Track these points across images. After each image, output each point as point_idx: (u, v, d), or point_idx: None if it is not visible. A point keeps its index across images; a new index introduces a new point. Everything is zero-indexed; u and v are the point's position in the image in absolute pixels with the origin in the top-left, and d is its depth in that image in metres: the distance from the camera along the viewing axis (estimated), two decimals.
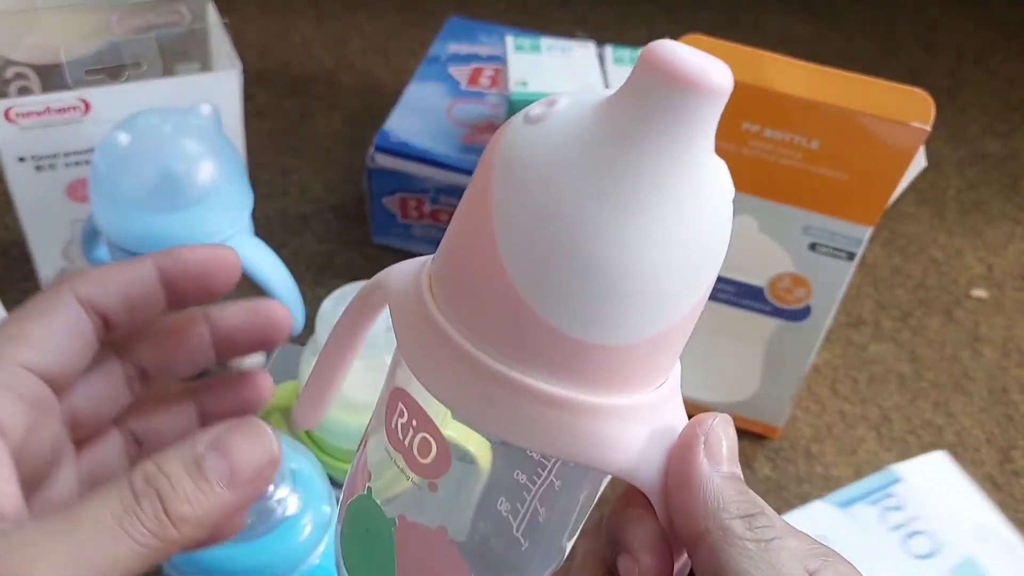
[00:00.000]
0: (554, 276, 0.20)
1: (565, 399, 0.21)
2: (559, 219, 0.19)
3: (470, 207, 0.21)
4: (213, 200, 0.44)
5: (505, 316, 0.20)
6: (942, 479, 0.48)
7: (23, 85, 0.49)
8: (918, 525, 0.46)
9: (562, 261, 0.20)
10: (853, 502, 0.46)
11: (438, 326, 0.21)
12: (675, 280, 0.20)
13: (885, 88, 0.41)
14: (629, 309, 0.20)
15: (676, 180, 0.19)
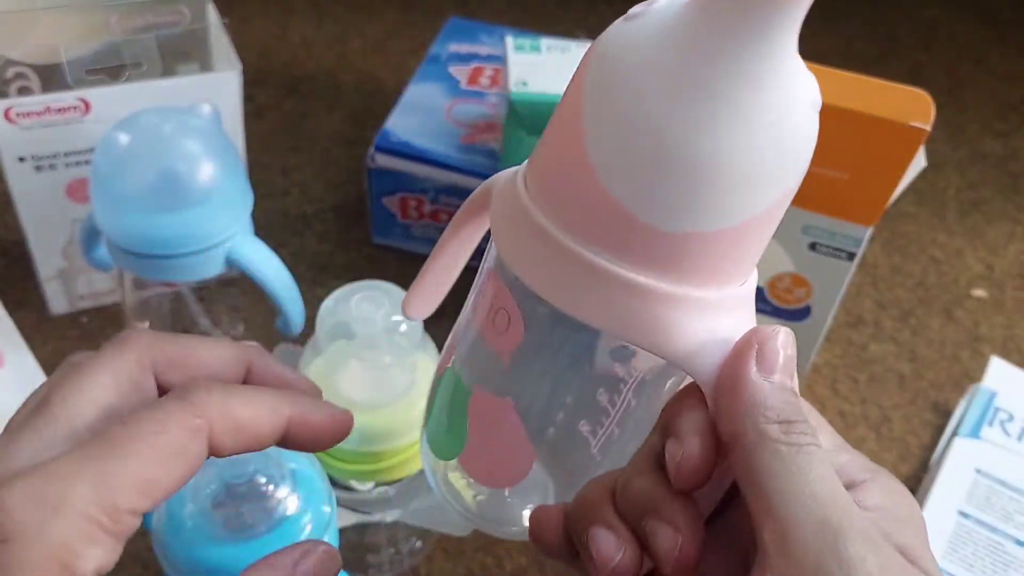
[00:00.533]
0: (632, 162, 0.21)
1: (637, 284, 0.22)
2: (642, 107, 0.21)
3: (564, 102, 0.23)
4: (213, 200, 0.44)
5: (584, 200, 0.22)
6: (1014, 378, 0.52)
7: (23, 85, 0.49)
8: None
9: (641, 148, 0.21)
10: (979, 429, 0.47)
11: (526, 212, 0.23)
12: (757, 172, 0.21)
13: (885, 88, 0.41)
14: (708, 197, 0.21)
15: (763, 76, 0.21)
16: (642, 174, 0.21)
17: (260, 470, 0.34)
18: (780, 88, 0.21)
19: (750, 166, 0.21)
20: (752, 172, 0.21)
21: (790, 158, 0.21)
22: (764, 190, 0.21)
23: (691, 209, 0.21)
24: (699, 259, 0.22)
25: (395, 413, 0.39)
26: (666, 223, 0.21)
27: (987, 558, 0.42)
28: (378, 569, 0.46)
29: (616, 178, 0.21)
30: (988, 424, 0.49)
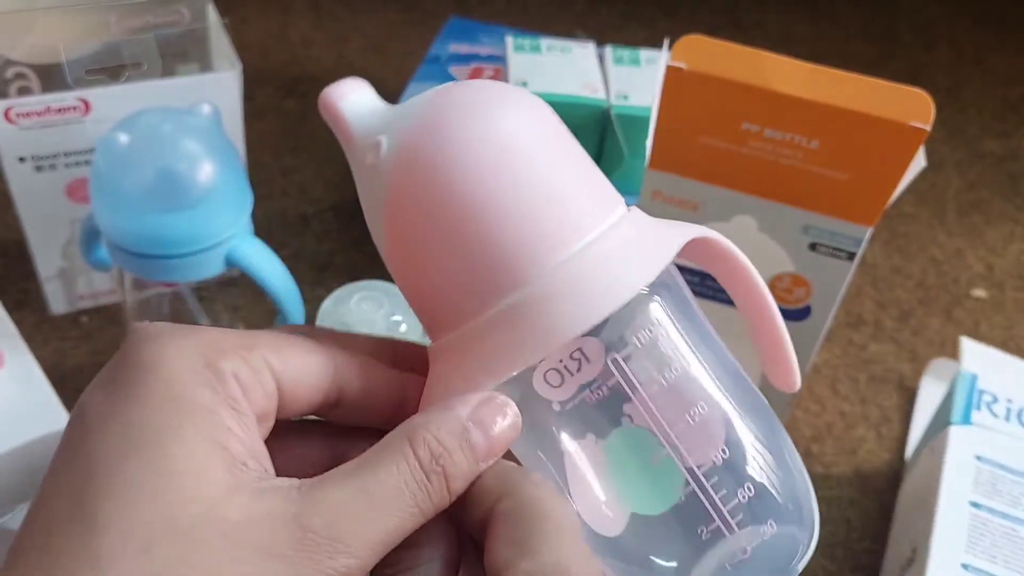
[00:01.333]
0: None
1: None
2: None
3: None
4: (213, 200, 0.44)
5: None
6: (988, 358, 0.53)
7: (23, 85, 0.49)
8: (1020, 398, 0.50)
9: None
10: (968, 415, 0.48)
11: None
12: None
13: (885, 88, 0.41)
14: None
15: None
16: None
17: None
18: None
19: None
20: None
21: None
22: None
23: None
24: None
25: None
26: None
27: (1007, 547, 0.42)
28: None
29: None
30: (976, 408, 0.49)
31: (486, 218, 0.23)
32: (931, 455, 0.49)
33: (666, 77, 0.42)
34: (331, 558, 0.21)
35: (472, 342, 0.24)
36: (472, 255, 0.23)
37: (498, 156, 0.24)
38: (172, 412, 0.22)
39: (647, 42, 0.77)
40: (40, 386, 0.43)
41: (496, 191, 0.23)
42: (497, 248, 0.23)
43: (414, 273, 0.25)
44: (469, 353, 0.24)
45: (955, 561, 0.42)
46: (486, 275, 0.23)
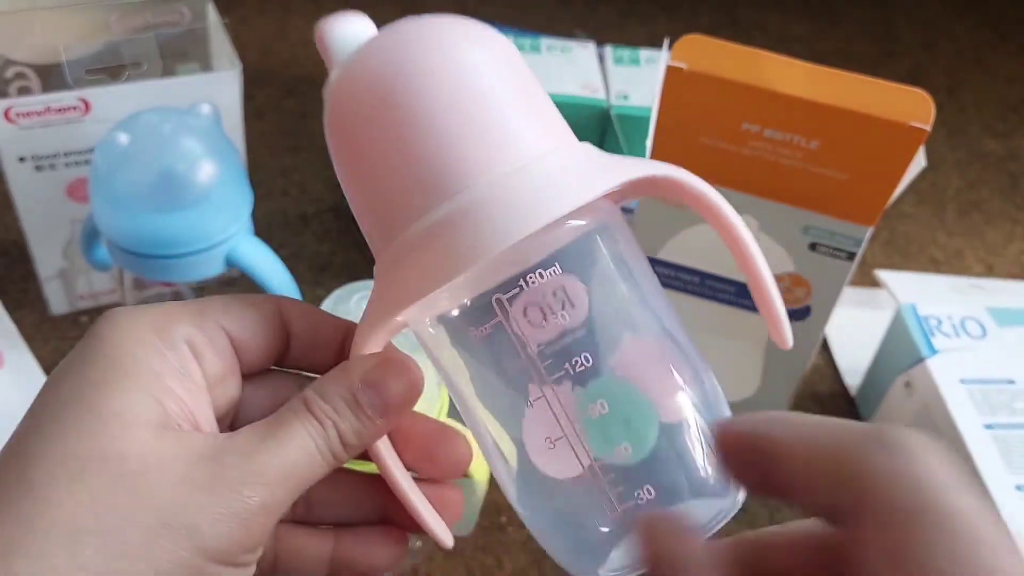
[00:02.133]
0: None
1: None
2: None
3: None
4: (213, 200, 0.44)
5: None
6: (909, 283, 0.57)
7: (23, 85, 0.49)
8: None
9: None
10: (931, 345, 0.51)
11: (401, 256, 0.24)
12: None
13: (885, 88, 0.41)
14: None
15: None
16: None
17: None
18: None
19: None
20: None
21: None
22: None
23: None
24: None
25: None
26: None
27: None
28: None
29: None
30: (932, 335, 0.51)
31: (422, 126, 0.23)
32: (908, 392, 0.50)
33: (666, 77, 0.42)
34: (245, 487, 0.23)
35: (402, 258, 0.23)
36: (406, 164, 0.23)
37: (440, 65, 0.23)
38: (117, 371, 0.24)
39: (647, 42, 0.77)
40: (40, 386, 0.43)
41: (432, 100, 0.23)
42: (429, 158, 0.23)
43: (356, 186, 0.25)
44: (399, 272, 0.23)
45: (1010, 486, 0.44)
46: (417, 186, 0.23)
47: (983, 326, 0.52)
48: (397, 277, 0.24)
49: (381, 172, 0.24)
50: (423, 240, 0.23)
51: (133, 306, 0.26)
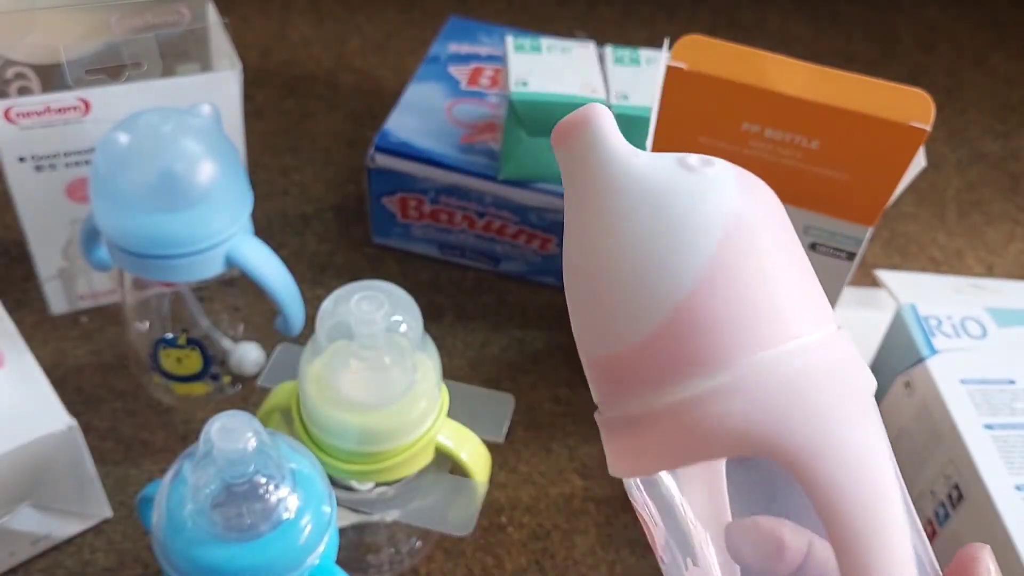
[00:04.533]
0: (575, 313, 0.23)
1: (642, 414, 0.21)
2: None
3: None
4: (213, 200, 0.44)
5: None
6: (910, 283, 0.55)
7: (23, 85, 0.49)
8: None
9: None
10: (932, 345, 0.50)
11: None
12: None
13: (885, 88, 0.41)
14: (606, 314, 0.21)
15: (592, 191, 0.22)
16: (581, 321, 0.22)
17: (260, 470, 0.34)
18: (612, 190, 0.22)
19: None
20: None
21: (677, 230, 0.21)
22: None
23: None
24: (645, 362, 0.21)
25: (395, 413, 0.39)
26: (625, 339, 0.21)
27: None
28: (378, 569, 0.46)
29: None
30: (933, 335, 0.51)
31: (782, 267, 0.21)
32: (908, 392, 0.50)
33: (666, 77, 0.42)
34: None
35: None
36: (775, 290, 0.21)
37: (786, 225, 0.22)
38: None
39: (647, 42, 0.76)
40: (40, 386, 0.43)
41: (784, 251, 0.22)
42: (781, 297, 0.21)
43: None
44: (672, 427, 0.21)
45: (1009, 485, 0.44)
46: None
47: (983, 326, 0.52)
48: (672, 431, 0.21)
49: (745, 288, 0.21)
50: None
51: None
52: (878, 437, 0.21)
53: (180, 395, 0.52)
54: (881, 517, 0.20)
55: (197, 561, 0.35)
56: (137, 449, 0.51)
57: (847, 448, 0.20)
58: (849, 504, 0.20)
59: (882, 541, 0.20)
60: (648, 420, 0.21)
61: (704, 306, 0.20)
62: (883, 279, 0.56)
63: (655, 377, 0.21)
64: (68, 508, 0.45)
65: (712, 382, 0.20)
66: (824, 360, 0.21)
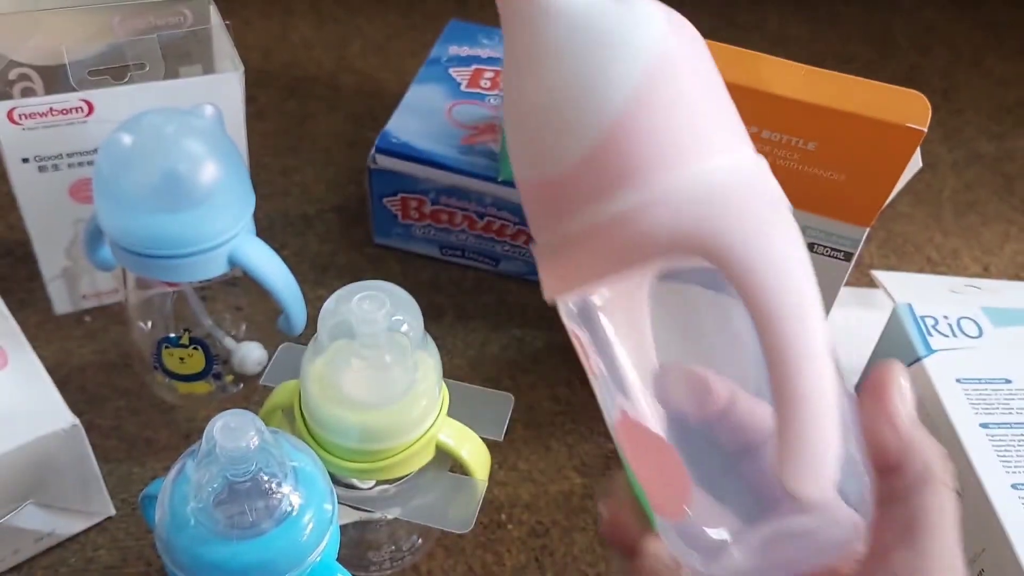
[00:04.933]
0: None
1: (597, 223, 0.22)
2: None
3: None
4: (216, 200, 0.44)
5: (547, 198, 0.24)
6: (905, 283, 0.56)
7: (26, 86, 0.50)
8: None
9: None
10: (928, 345, 0.50)
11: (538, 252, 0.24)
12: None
13: (881, 89, 0.42)
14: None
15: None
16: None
17: (263, 468, 0.35)
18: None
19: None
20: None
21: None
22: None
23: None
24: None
25: (396, 412, 0.40)
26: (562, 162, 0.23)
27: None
28: (379, 566, 0.47)
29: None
30: (929, 335, 0.51)
31: (712, 87, 0.24)
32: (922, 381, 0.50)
33: None
34: None
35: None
36: (712, 105, 0.23)
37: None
38: None
39: None
40: (44, 386, 0.44)
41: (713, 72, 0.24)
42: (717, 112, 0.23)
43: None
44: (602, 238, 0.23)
45: (1005, 484, 0.44)
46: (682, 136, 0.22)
47: (979, 326, 0.53)
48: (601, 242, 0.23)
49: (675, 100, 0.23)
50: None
51: None
52: (798, 242, 0.23)
53: (183, 394, 0.52)
54: (803, 306, 0.22)
55: (200, 558, 0.35)
56: (140, 447, 0.51)
57: (770, 244, 0.22)
58: (774, 293, 0.21)
59: (804, 326, 0.21)
60: (584, 235, 0.23)
61: (634, 127, 0.22)
62: (879, 279, 0.56)
63: (590, 194, 0.22)
64: (72, 506, 0.46)
65: (644, 195, 0.22)
66: (744, 173, 0.23)
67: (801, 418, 0.21)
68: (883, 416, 0.24)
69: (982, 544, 0.44)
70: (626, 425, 0.25)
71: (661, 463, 0.24)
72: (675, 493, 0.24)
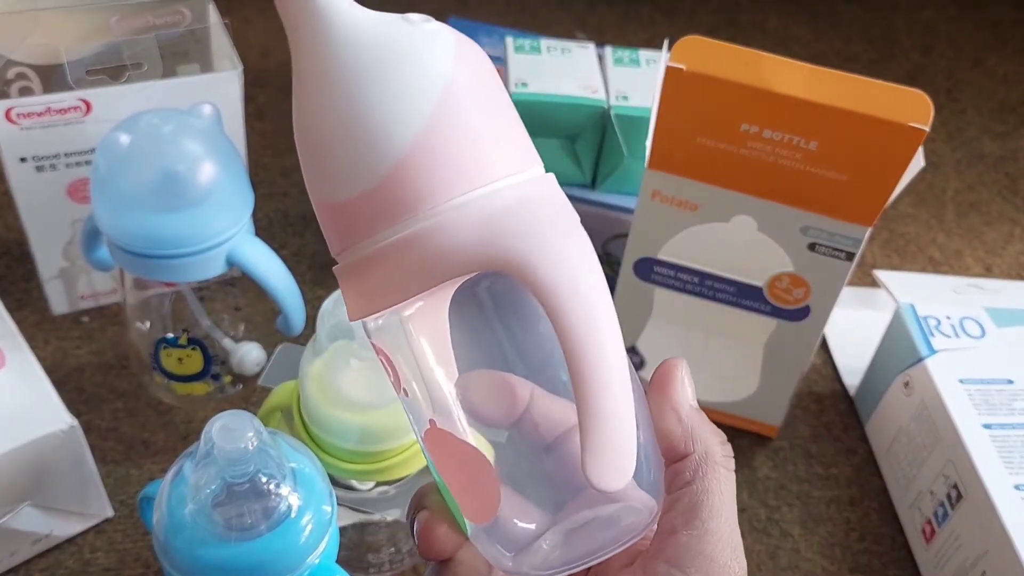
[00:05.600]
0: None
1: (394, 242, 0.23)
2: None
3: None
4: (214, 200, 0.44)
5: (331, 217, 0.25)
6: (908, 283, 0.56)
7: (24, 86, 0.50)
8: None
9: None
10: (931, 345, 0.51)
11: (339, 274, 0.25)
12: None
13: (884, 89, 0.42)
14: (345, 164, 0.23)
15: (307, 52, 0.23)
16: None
17: (261, 470, 0.34)
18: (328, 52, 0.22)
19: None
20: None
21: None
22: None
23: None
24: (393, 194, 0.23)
25: (395, 413, 0.39)
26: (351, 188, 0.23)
27: None
28: (379, 568, 0.46)
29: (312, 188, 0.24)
30: (931, 335, 0.51)
31: (496, 109, 0.23)
32: (907, 392, 0.51)
33: (666, 78, 0.42)
34: None
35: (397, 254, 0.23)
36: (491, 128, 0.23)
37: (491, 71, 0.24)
38: None
39: (647, 43, 0.77)
40: (41, 386, 0.44)
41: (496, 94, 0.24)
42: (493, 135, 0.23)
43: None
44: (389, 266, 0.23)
45: (1008, 485, 0.44)
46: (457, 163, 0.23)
47: (982, 326, 0.53)
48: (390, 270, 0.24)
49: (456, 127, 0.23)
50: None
51: None
52: (588, 251, 0.23)
53: (181, 395, 0.52)
54: (597, 315, 0.23)
55: (198, 560, 0.35)
56: (138, 449, 0.51)
57: (560, 255, 0.23)
58: (569, 304, 0.22)
59: (599, 335, 0.22)
60: (380, 256, 0.23)
61: (425, 154, 0.22)
62: (882, 279, 0.56)
63: (384, 218, 0.23)
64: (69, 508, 0.45)
65: (434, 219, 0.22)
66: (533, 190, 0.23)
67: (601, 420, 0.22)
68: (668, 407, 0.26)
69: (985, 545, 0.44)
70: (434, 435, 0.25)
71: (470, 469, 0.25)
72: (485, 497, 0.25)
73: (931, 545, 0.48)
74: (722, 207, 0.45)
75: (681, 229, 0.47)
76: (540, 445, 0.26)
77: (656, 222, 0.47)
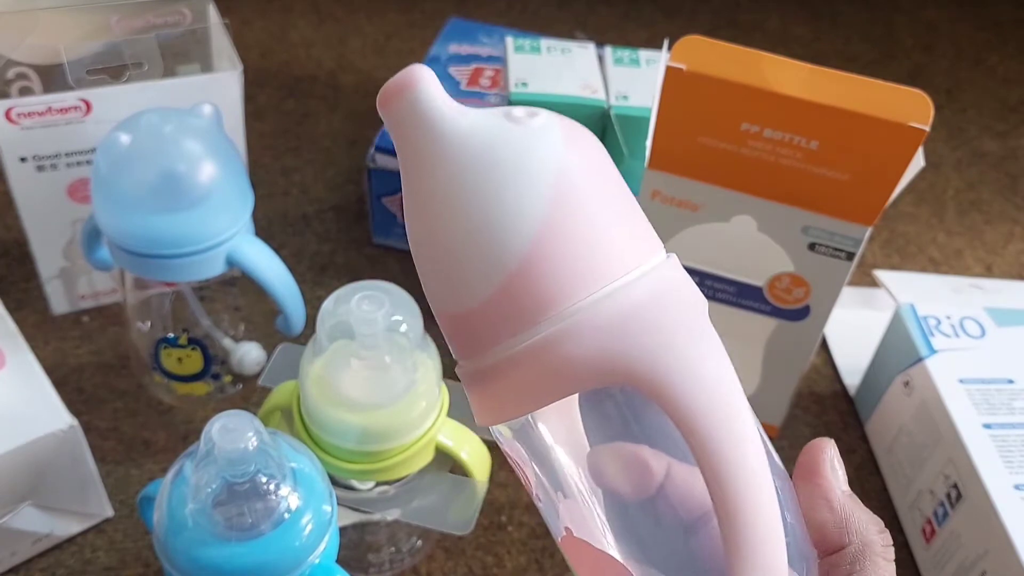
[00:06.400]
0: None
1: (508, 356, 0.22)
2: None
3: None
4: (214, 200, 0.44)
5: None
6: (907, 283, 0.56)
7: (24, 85, 0.50)
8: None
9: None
10: (931, 345, 0.51)
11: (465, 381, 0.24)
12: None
13: (884, 89, 0.42)
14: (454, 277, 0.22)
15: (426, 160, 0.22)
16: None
17: (261, 470, 0.34)
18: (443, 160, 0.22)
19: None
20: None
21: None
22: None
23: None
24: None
25: (395, 413, 0.40)
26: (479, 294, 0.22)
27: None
28: (379, 568, 0.46)
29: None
30: (931, 335, 0.51)
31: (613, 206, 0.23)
32: (907, 392, 0.51)
33: (666, 78, 0.42)
34: None
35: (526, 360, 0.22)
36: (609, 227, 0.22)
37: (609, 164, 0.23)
38: None
39: (647, 43, 0.77)
40: (41, 386, 0.44)
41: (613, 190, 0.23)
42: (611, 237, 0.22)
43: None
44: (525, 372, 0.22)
45: (1008, 485, 0.44)
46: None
47: (982, 326, 0.53)
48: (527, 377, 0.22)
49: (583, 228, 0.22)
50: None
51: None
52: (721, 354, 0.22)
53: (181, 395, 0.52)
54: (735, 428, 0.22)
55: (198, 560, 0.35)
56: (138, 449, 0.51)
57: (693, 365, 0.22)
58: (703, 416, 0.21)
59: (737, 447, 0.22)
60: (505, 367, 0.22)
61: (542, 258, 0.21)
62: (882, 279, 0.56)
63: (506, 328, 0.22)
64: (69, 508, 0.45)
65: (560, 324, 0.21)
66: (659, 284, 0.22)
67: (750, 549, 0.21)
68: (819, 496, 0.24)
69: (985, 545, 0.44)
70: (571, 542, 0.25)
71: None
72: None
73: (931, 545, 0.48)
74: (722, 207, 0.45)
75: (681, 229, 0.47)
76: (682, 522, 0.24)
77: (656, 222, 0.47)
